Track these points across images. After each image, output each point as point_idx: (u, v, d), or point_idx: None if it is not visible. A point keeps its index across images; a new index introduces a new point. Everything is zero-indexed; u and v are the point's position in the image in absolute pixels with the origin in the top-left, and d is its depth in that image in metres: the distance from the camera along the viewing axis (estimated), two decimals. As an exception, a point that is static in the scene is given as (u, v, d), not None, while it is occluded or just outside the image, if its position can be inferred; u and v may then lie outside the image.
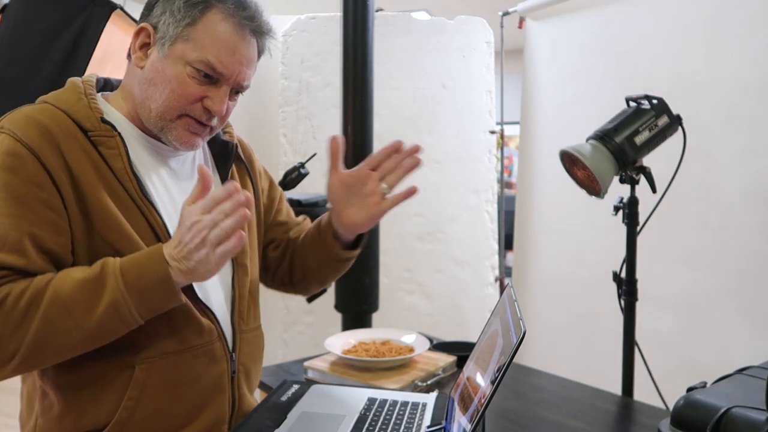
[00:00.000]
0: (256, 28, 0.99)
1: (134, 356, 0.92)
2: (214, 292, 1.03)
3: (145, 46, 0.98)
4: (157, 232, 0.95)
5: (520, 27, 2.81)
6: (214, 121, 1.00)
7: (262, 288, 1.21)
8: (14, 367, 0.84)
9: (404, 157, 1.08)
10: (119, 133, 0.94)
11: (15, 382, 0.98)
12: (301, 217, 1.33)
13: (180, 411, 0.97)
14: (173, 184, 1.02)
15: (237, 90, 1.01)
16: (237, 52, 0.96)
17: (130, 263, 0.87)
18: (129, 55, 1.01)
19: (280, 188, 1.29)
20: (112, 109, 1.00)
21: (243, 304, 1.08)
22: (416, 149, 1.07)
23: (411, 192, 1.06)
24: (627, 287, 1.41)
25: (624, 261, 1.42)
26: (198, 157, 1.09)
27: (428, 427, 0.97)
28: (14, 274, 0.85)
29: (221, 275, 1.03)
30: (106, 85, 1.06)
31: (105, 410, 0.92)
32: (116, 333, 0.87)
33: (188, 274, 0.87)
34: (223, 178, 1.11)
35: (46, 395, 0.95)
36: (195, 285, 0.97)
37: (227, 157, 1.12)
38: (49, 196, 0.87)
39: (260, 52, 1.03)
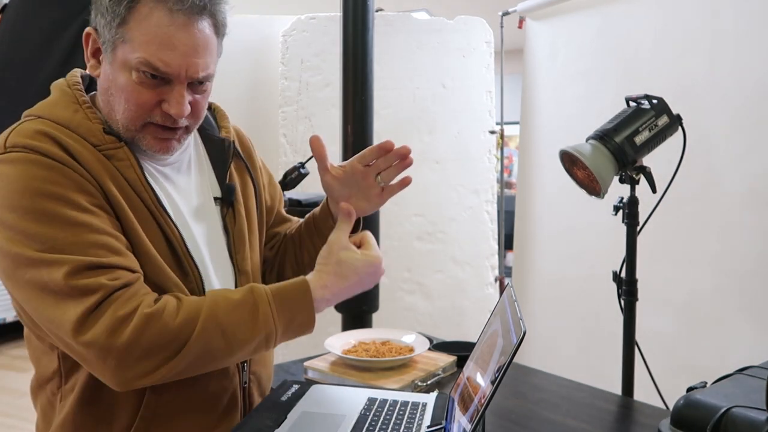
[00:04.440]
0: (191, 9, 0.86)
1: None
2: None
3: (98, 52, 0.91)
4: (171, 241, 0.92)
5: (520, 27, 2.81)
6: (183, 122, 0.91)
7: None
8: (163, 375, 0.82)
9: (395, 159, 1.03)
10: (126, 143, 0.90)
11: (15, 382, 0.98)
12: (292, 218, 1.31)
13: (192, 427, 0.95)
14: (172, 189, 0.98)
15: (199, 82, 0.90)
16: (178, 45, 0.85)
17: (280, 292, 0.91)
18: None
19: (278, 184, 1.25)
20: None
21: None
22: (406, 151, 1.03)
23: (406, 182, 1.07)
24: (627, 287, 1.41)
25: (624, 261, 1.42)
26: (194, 160, 1.04)
27: (428, 427, 0.97)
28: (129, 272, 0.83)
29: (224, 284, 1.00)
30: (91, 83, 0.98)
31: (119, 425, 0.91)
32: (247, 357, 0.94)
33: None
34: (221, 179, 1.05)
35: (61, 412, 0.93)
36: None
37: (224, 156, 1.06)
38: (100, 201, 0.85)
39: (217, 30, 0.91)
